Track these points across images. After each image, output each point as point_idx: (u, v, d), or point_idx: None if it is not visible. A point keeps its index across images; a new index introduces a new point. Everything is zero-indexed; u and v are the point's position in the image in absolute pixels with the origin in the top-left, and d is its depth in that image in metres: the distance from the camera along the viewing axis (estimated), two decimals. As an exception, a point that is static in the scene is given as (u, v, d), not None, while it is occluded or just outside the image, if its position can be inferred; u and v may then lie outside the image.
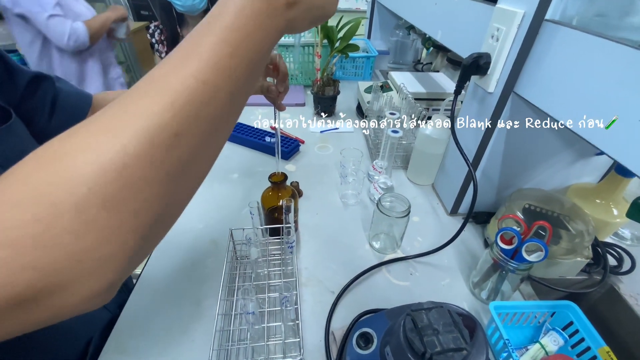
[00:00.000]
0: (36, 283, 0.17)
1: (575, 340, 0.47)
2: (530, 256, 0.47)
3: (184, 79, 0.20)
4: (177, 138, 0.20)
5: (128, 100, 0.20)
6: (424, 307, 0.38)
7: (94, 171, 0.17)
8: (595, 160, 0.64)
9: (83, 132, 0.19)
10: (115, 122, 0.19)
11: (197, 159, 0.22)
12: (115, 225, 0.18)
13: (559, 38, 0.44)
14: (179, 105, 0.20)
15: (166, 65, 0.21)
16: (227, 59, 0.21)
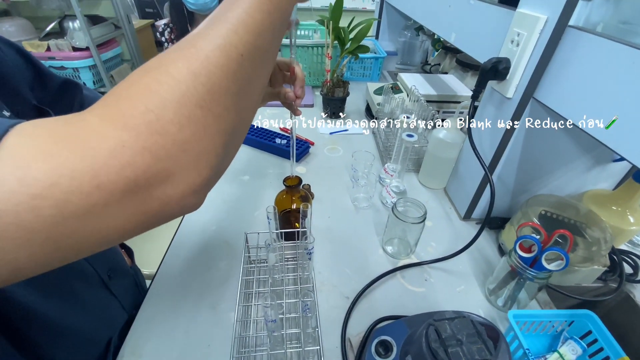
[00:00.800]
0: (151, 167, 0.20)
1: (593, 349, 0.47)
2: (550, 265, 0.46)
3: (239, 14, 0.25)
4: (242, 58, 0.24)
5: (202, 30, 0.24)
6: (447, 317, 0.37)
7: (189, 74, 0.22)
8: (612, 166, 0.64)
9: (174, 50, 0.23)
10: (197, 40, 0.24)
11: (255, 80, 0.27)
12: (208, 123, 0.22)
13: (583, 45, 0.44)
14: (241, 33, 0.25)
15: (222, 8, 0.26)
16: (267, 3, 0.26)
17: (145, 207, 0.21)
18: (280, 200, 0.61)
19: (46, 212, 0.18)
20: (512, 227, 0.62)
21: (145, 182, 0.20)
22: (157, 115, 0.20)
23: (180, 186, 0.22)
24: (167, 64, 0.22)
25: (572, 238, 0.46)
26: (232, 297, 0.53)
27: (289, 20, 0.31)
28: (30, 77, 0.42)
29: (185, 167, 0.22)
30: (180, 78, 0.22)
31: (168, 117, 0.21)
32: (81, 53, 2.10)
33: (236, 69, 0.24)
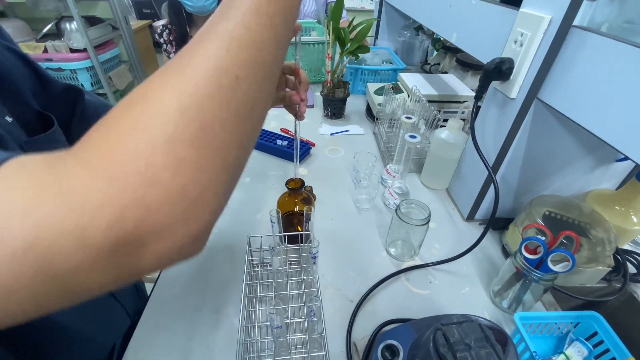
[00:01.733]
0: (142, 222, 0.18)
1: (599, 350, 0.46)
2: (556, 266, 0.46)
3: (232, 27, 0.22)
4: (238, 81, 0.21)
5: (191, 51, 0.22)
6: (454, 321, 0.37)
7: (177, 109, 0.19)
8: (616, 166, 0.64)
9: (161, 74, 0.21)
10: (185, 63, 0.21)
11: (257, 102, 0.23)
12: (203, 163, 0.20)
13: (588, 45, 0.44)
14: (234, 51, 0.22)
15: (214, 19, 0.23)
16: (265, 5, 0.23)
17: (138, 263, 0.19)
18: (283, 203, 0.61)
19: (26, 272, 0.16)
20: (516, 228, 0.62)
21: (137, 238, 0.18)
22: (146, 161, 0.18)
23: (177, 238, 0.19)
24: (154, 96, 0.20)
25: (577, 239, 0.46)
26: (235, 302, 0.53)
27: (294, 24, 0.27)
28: (32, 82, 0.41)
29: (181, 217, 0.19)
30: (168, 114, 0.19)
31: (158, 162, 0.18)
32: (79, 54, 2.09)
33: (231, 97, 0.21)
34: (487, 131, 0.63)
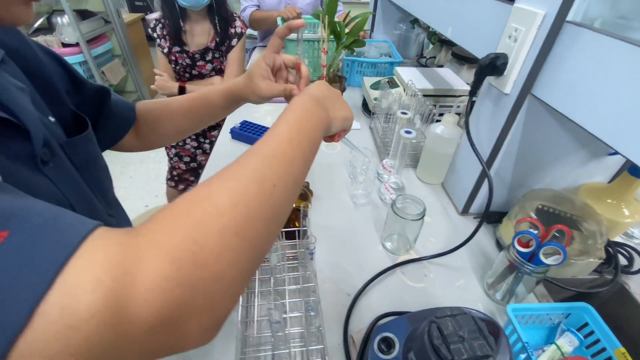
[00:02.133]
0: (186, 301, 0.20)
1: (590, 341, 0.48)
2: (548, 259, 0.47)
3: (273, 150, 0.29)
4: (275, 187, 0.27)
5: (242, 164, 0.28)
6: (448, 314, 0.38)
7: (230, 205, 0.24)
8: (608, 160, 0.65)
9: (219, 181, 0.26)
10: (237, 175, 0.27)
11: (286, 202, 0.29)
12: (242, 250, 0.23)
13: (581, 40, 0.44)
14: (274, 166, 0.28)
15: (258, 144, 0.30)
16: (296, 136, 0.32)
17: (165, 342, 0.21)
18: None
19: (73, 342, 0.17)
20: (510, 222, 0.63)
21: (177, 316, 0.20)
22: (201, 245, 0.21)
23: (205, 320, 0.22)
24: (214, 196, 0.24)
25: (569, 233, 0.46)
26: (233, 297, 0.53)
27: (319, 145, 0.35)
28: (67, 83, 0.43)
29: (215, 299, 0.22)
30: (223, 209, 0.23)
31: (209, 247, 0.21)
32: (71, 49, 2.06)
33: (269, 198, 0.26)
34: (482, 126, 0.63)
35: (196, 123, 0.57)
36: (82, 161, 0.39)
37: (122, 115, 0.52)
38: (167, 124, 0.56)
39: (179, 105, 0.55)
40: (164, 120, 0.56)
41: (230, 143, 0.93)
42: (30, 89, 0.35)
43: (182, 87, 1.27)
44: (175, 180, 1.41)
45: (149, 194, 2.06)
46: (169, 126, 0.57)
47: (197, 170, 1.43)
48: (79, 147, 0.39)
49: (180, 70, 1.31)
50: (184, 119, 0.56)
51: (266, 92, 0.48)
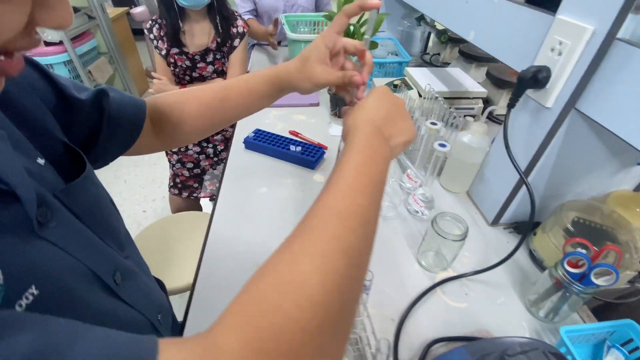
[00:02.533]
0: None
1: (635, 356, 0.48)
2: (599, 280, 0.47)
3: (349, 201, 0.28)
4: (360, 256, 0.26)
5: (320, 227, 0.26)
6: (519, 351, 0.37)
7: (325, 292, 0.22)
8: (636, 169, 0.65)
9: (303, 257, 0.24)
10: (321, 244, 0.24)
11: (366, 262, 0.28)
12: (337, 346, 0.23)
13: (634, 58, 0.43)
14: (355, 225, 0.27)
15: (327, 197, 0.28)
16: (368, 183, 0.30)
17: None
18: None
19: None
20: (545, 234, 0.62)
21: None
22: (297, 352, 0.21)
23: None
24: (305, 282, 0.22)
25: (621, 254, 0.46)
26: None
27: (383, 190, 0.33)
28: (54, 103, 0.36)
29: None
30: (318, 299, 0.22)
31: (309, 351, 0.21)
32: (55, 48, 1.95)
33: (356, 272, 0.26)
34: (517, 138, 0.62)
35: (231, 115, 0.50)
36: (85, 208, 0.33)
37: (129, 117, 0.44)
38: (196, 118, 0.48)
39: (211, 95, 0.48)
40: (192, 114, 0.48)
41: (244, 153, 0.90)
42: (10, 129, 0.29)
43: (183, 91, 1.21)
44: (178, 188, 1.36)
45: (145, 198, 2.00)
46: (198, 121, 0.49)
47: (201, 175, 1.39)
48: (79, 194, 0.33)
49: (179, 72, 1.25)
50: (216, 111, 0.48)
51: (322, 79, 0.42)
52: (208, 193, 1.39)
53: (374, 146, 0.33)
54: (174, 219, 1.16)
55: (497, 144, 0.68)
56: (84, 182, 0.33)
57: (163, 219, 1.15)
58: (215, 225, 0.69)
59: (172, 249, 1.05)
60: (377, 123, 0.36)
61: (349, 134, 0.35)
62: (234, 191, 0.77)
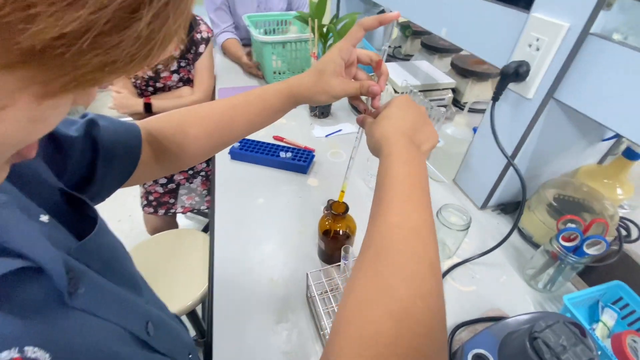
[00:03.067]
0: None
1: (625, 312, 0.55)
2: (590, 249, 0.53)
3: (416, 217, 0.29)
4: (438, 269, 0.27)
5: (405, 242, 0.26)
6: (544, 326, 0.41)
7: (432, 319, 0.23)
8: (600, 145, 0.73)
9: (403, 286, 0.24)
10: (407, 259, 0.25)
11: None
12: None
13: (605, 51, 0.48)
14: (427, 238, 0.28)
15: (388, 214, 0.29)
16: (421, 194, 0.31)
17: None
18: (324, 225, 0.59)
19: None
20: (531, 212, 0.68)
21: None
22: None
23: None
24: (408, 307, 0.22)
25: (608, 225, 0.52)
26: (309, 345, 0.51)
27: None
28: (43, 146, 0.32)
29: None
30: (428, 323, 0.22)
31: None
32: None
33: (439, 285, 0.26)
34: (500, 128, 0.66)
35: (240, 133, 0.48)
36: (104, 261, 0.30)
37: (124, 146, 0.40)
38: (202, 139, 0.46)
39: (218, 115, 0.46)
40: (198, 135, 0.46)
41: (231, 165, 0.87)
42: (9, 190, 0.26)
43: (148, 104, 1.14)
44: (153, 206, 1.28)
45: (110, 220, 1.85)
46: (204, 142, 0.46)
47: (177, 190, 1.32)
48: (96, 248, 0.29)
49: (141, 84, 1.17)
50: (225, 130, 0.46)
51: (340, 91, 0.42)
52: (187, 207, 1.32)
53: (414, 156, 0.34)
54: (155, 240, 1.09)
55: (480, 134, 0.73)
56: (97, 233, 0.30)
57: (144, 242, 1.08)
58: (219, 245, 0.66)
59: (162, 271, 0.99)
60: (408, 133, 0.37)
61: (384, 147, 0.35)
62: (230, 206, 0.75)
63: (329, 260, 0.62)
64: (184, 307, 0.91)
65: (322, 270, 0.55)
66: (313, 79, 0.43)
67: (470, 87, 1.14)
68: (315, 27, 0.89)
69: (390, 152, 0.34)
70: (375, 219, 0.29)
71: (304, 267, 0.62)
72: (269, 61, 1.16)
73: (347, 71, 0.44)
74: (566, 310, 0.52)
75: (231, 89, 1.25)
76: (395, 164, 0.33)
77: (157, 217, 1.31)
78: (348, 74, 0.45)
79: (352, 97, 0.46)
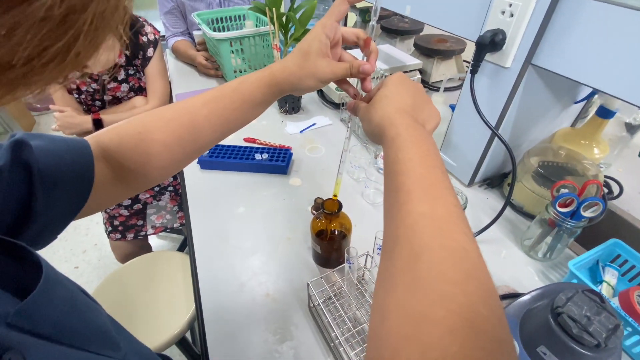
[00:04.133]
0: None
1: (625, 269, 0.55)
2: (587, 212, 0.52)
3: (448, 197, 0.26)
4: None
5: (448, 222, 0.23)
6: (565, 300, 0.39)
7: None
8: (572, 108, 0.74)
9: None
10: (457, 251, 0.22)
11: None
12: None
13: (583, 9, 0.47)
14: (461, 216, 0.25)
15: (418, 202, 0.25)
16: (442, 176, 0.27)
17: None
18: (316, 226, 0.54)
19: None
20: (519, 182, 0.68)
21: None
22: None
23: None
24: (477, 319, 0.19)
25: (601, 185, 0.52)
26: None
27: None
28: None
29: None
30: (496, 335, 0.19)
31: None
32: None
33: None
34: (480, 101, 0.65)
35: (217, 134, 0.41)
36: (56, 321, 0.22)
37: (71, 168, 0.33)
38: (171, 147, 0.39)
39: (189, 113, 0.39)
40: (166, 142, 0.39)
41: (202, 175, 0.79)
42: None
43: (98, 120, 1.03)
44: (120, 231, 1.17)
45: (73, 252, 1.69)
46: (173, 150, 0.39)
47: (144, 210, 1.21)
48: (43, 307, 0.22)
49: (86, 99, 1.05)
50: (198, 133, 0.40)
51: (329, 73, 0.37)
52: (159, 227, 1.22)
53: (423, 135, 0.30)
54: (128, 268, 0.99)
55: (459, 111, 0.71)
56: (45, 288, 0.22)
57: (115, 272, 0.98)
58: (201, 265, 0.60)
59: (141, 301, 0.90)
60: (410, 112, 0.33)
61: (387, 129, 0.31)
62: (207, 221, 0.68)
63: (326, 263, 0.58)
64: (172, 337, 0.83)
65: (323, 277, 0.50)
66: (298, 61, 0.38)
67: (436, 66, 1.14)
68: (274, 17, 0.83)
69: (398, 134, 0.30)
70: (396, 210, 0.25)
71: (300, 275, 0.57)
72: (228, 59, 1.08)
73: (332, 51, 0.39)
74: (572, 276, 0.52)
75: (190, 93, 1.16)
76: (406, 145, 0.29)
77: (126, 243, 1.20)
78: (333, 55, 0.40)
79: (340, 81, 0.42)
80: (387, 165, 0.30)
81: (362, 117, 0.38)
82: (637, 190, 0.73)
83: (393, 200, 0.26)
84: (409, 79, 0.38)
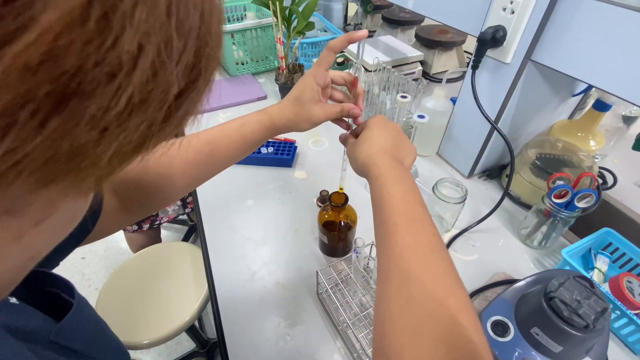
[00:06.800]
0: None
1: (616, 256, 0.58)
2: (581, 203, 0.55)
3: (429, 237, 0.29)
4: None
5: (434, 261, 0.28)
6: (557, 285, 0.42)
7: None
8: (570, 101, 0.76)
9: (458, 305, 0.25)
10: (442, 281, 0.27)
11: None
12: None
13: (581, 7, 0.48)
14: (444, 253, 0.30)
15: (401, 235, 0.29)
16: (423, 211, 0.32)
17: None
18: (323, 218, 0.57)
19: None
20: (517, 174, 0.70)
21: None
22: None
23: None
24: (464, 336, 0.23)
25: (595, 178, 0.54)
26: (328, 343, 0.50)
27: None
28: None
29: None
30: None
31: None
32: None
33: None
34: (481, 95, 0.67)
35: (218, 168, 0.46)
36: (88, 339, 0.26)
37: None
38: (178, 180, 0.43)
39: (193, 153, 0.43)
40: (172, 178, 0.42)
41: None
42: None
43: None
44: (136, 222, 1.20)
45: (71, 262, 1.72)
46: (180, 182, 0.43)
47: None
48: (77, 325, 0.26)
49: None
50: (203, 168, 0.44)
51: (322, 117, 0.42)
52: (172, 215, 1.25)
53: (403, 173, 0.35)
54: (139, 258, 1.02)
55: (460, 104, 0.73)
56: (77, 309, 0.26)
57: (127, 262, 1.01)
58: (214, 256, 0.62)
59: (154, 290, 0.93)
60: (390, 151, 0.37)
61: (371, 168, 0.36)
62: (218, 214, 0.71)
63: (333, 252, 0.61)
64: (183, 324, 0.86)
65: (331, 265, 0.53)
66: (294, 109, 0.43)
67: (437, 58, 1.15)
68: (277, 11, 0.84)
69: (380, 173, 0.34)
70: (386, 241, 0.29)
71: (308, 264, 0.60)
72: (230, 52, 1.09)
73: (323, 93, 0.44)
74: (565, 263, 0.55)
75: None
76: (389, 183, 0.33)
77: (142, 234, 1.22)
78: (324, 96, 0.45)
79: (338, 120, 0.47)
80: (373, 200, 0.34)
81: (349, 153, 0.43)
82: (632, 180, 0.76)
83: (383, 232, 0.30)
84: (388, 120, 0.42)
